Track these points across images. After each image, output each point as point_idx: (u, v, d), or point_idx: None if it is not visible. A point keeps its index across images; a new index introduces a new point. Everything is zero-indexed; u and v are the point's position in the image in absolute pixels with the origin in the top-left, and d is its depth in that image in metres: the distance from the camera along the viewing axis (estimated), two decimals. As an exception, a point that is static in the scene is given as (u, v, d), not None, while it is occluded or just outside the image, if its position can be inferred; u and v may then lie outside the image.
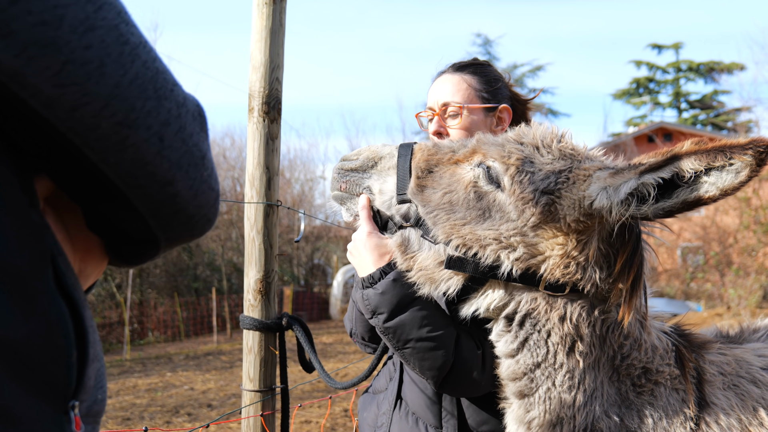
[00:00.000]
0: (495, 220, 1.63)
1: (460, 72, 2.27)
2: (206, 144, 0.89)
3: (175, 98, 0.82)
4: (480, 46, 33.80)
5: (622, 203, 1.51)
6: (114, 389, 11.53)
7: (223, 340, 19.06)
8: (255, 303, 2.69)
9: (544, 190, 1.60)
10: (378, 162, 1.87)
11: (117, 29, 0.75)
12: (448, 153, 1.78)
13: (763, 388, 1.67)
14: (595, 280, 1.59)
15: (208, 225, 0.93)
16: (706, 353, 1.72)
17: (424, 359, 1.82)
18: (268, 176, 2.70)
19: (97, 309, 17.95)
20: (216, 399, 10.55)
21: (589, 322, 1.60)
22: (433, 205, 1.71)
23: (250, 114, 2.71)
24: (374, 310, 1.83)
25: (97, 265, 0.93)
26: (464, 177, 1.70)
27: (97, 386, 0.83)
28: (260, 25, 2.67)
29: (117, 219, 0.85)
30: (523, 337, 1.64)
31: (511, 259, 1.61)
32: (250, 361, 2.69)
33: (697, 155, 1.41)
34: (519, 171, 1.62)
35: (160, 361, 15.16)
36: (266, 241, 2.70)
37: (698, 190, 1.44)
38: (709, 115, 38.45)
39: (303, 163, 31.63)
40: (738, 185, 1.41)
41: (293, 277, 26.37)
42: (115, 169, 0.78)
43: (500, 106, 2.27)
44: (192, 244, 22.80)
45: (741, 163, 1.38)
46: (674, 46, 39.65)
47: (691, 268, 22.02)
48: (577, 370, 1.60)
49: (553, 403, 1.61)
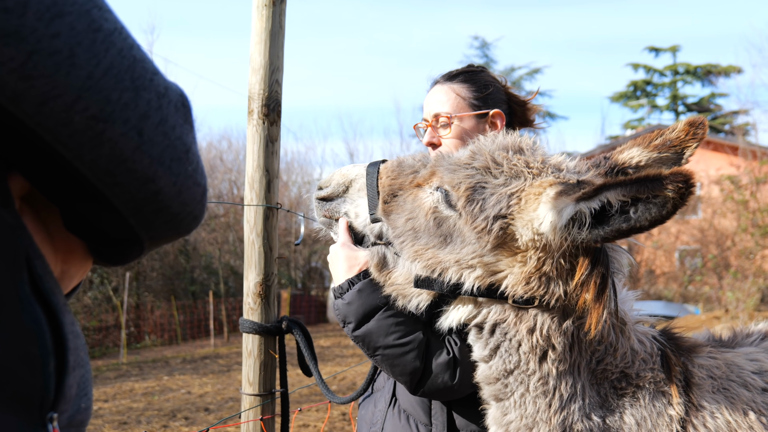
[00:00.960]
0: (456, 245, 1.68)
1: (450, 82, 2.32)
2: (191, 136, 0.82)
3: (155, 88, 0.76)
4: (477, 48, 33.86)
5: (564, 228, 1.51)
6: (110, 393, 11.49)
7: (220, 344, 19.02)
8: (255, 306, 2.67)
9: (497, 215, 1.61)
10: (349, 186, 1.93)
11: (88, 15, 0.69)
12: (410, 175, 1.82)
13: (754, 391, 1.66)
14: (560, 293, 1.59)
15: (195, 222, 0.87)
16: (695, 357, 1.72)
17: (394, 365, 1.89)
18: (267, 179, 2.68)
19: (93, 312, 17.89)
20: (213, 403, 10.51)
21: (561, 332, 1.61)
22: (399, 231, 1.77)
23: (250, 116, 2.69)
24: (343, 319, 1.92)
25: (80, 266, 0.88)
26: (425, 202, 1.74)
27: (81, 394, 0.78)
28: (260, 27, 2.65)
29: (95, 219, 0.79)
30: (494, 344, 1.68)
31: (472, 278, 1.65)
32: (250, 365, 2.67)
33: (623, 187, 1.41)
34: (469, 200, 1.64)
35: (157, 365, 15.12)
36: (266, 244, 2.68)
37: (629, 221, 1.43)
38: (707, 118, 38.53)
39: (300, 166, 31.69)
40: (665, 216, 1.40)
41: (291, 281, 26.35)
42: (90, 166, 0.72)
43: (492, 112, 2.29)
44: (189, 247, 22.76)
45: (663, 198, 1.38)
46: (671, 49, 39.71)
47: (689, 271, 22.05)
48: (551, 376, 1.62)
49: (528, 407, 1.64)
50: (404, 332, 1.88)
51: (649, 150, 1.83)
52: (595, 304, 1.56)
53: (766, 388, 1.68)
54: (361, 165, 1.96)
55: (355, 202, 1.92)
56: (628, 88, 40.47)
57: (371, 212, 1.84)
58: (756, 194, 18.76)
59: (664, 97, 40.33)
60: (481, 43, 33.69)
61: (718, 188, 20.84)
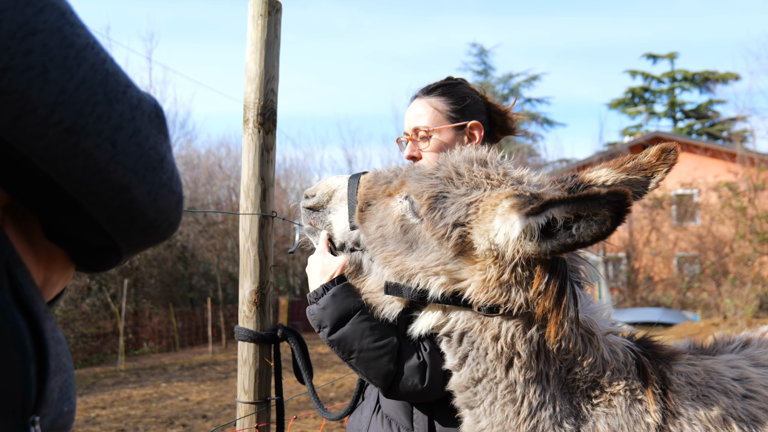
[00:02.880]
0: (421, 251, 1.73)
1: (428, 96, 2.37)
2: (165, 145, 0.85)
3: (128, 100, 0.78)
4: (476, 56, 33.98)
5: (516, 240, 1.55)
6: (108, 400, 11.47)
7: (219, 351, 18.98)
8: (250, 314, 2.68)
9: (455, 223, 1.66)
10: (332, 195, 2.01)
11: (60, 32, 0.71)
12: (383, 185, 1.88)
13: (734, 398, 1.68)
14: (521, 301, 1.62)
15: (171, 229, 0.89)
16: (674, 364, 1.73)
17: (368, 368, 1.94)
18: (263, 187, 2.69)
19: (91, 319, 17.86)
20: (211, 410, 10.49)
21: (525, 339, 1.64)
22: (371, 238, 1.84)
23: (245, 125, 2.70)
24: (319, 324, 1.96)
25: (62, 274, 0.90)
26: (394, 211, 1.80)
27: (63, 399, 0.81)
28: (255, 37, 2.67)
29: (74, 228, 0.82)
30: (462, 353, 1.72)
31: (437, 285, 1.70)
32: (245, 373, 2.67)
33: (566, 204, 1.45)
34: (430, 208, 1.70)
35: (155, 372, 15.08)
36: (261, 252, 2.69)
37: (573, 236, 1.48)
38: (705, 125, 38.55)
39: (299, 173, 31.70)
40: (605, 233, 1.45)
41: (289, 287, 26.32)
42: (66, 177, 0.75)
43: (470, 123, 2.34)
44: (187, 254, 22.74)
45: (602, 216, 1.43)
46: (669, 56, 39.83)
47: (688, 278, 22.05)
48: (518, 383, 1.65)
49: (497, 415, 1.67)
50: (379, 336, 1.92)
51: (618, 171, 1.87)
52: (552, 312, 1.59)
53: (746, 394, 1.70)
54: (344, 176, 2.02)
55: (337, 211, 2.00)
56: (626, 95, 40.57)
57: (351, 220, 1.92)
58: (754, 201, 18.78)
59: (662, 104, 40.44)
60: (479, 50, 33.80)
61: (716, 195, 20.86)
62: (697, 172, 23.09)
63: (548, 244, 1.52)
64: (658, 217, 24.38)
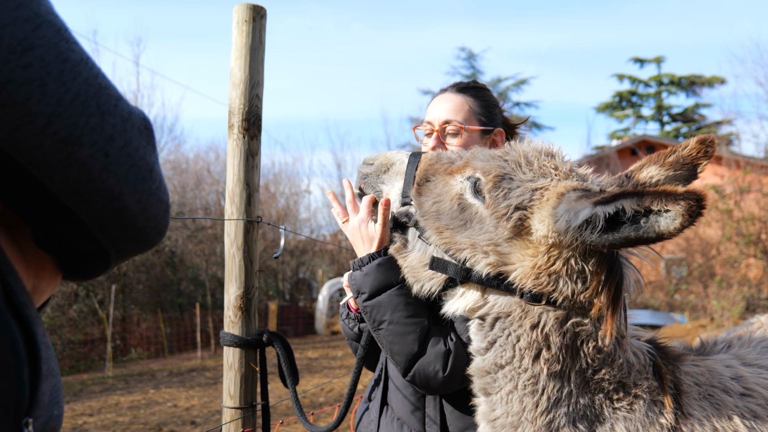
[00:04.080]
0: (474, 230, 1.74)
1: (463, 93, 2.39)
2: (153, 157, 0.90)
3: (120, 113, 0.83)
4: (464, 60, 34.07)
5: (577, 228, 1.58)
6: (96, 407, 11.39)
7: (208, 356, 18.89)
8: (235, 319, 2.68)
9: (518, 205, 1.69)
10: (390, 167, 2.04)
11: (57, 47, 0.75)
12: (446, 164, 1.91)
13: (735, 396, 1.74)
14: (568, 293, 1.65)
15: (159, 237, 0.94)
16: (681, 365, 1.78)
17: (394, 342, 1.96)
18: (248, 192, 2.70)
19: (79, 325, 17.73)
20: (200, 416, 10.44)
21: (560, 333, 1.67)
22: (424, 210, 1.86)
23: (230, 130, 2.71)
24: (358, 289, 2.01)
25: (51, 281, 0.94)
26: (453, 189, 1.83)
27: (53, 402, 0.83)
28: (240, 43, 2.68)
29: (65, 235, 0.85)
30: (492, 337, 1.75)
31: (483, 264, 1.72)
32: (231, 378, 2.67)
33: (639, 197, 1.47)
34: (495, 186, 1.73)
35: (143, 378, 14.99)
36: (246, 257, 2.69)
37: (639, 230, 1.50)
38: (691, 128, 38.83)
39: (288, 177, 31.62)
40: (674, 231, 1.46)
41: (278, 292, 26.24)
42: (60, 186, 0.78)
43: (495, 129, 2.40)
44: (176, 259, 22.64)
45: (674, 212, 1.44)
46: (656, 60, 40.13)
47: (675, 280, 22.18)
48: (542, 376, 1.67)
49: (514, 405, 1.69)
50: (411, 313, 1.96)
51: (665, 168, 1.91)
52: (609, 311, 1.63)
53: (744, 392, 1.75)
54: (404, 152, 2.06)
55: (392, 184, 2.03)
56: (613, 98, 40.83)
57: (404, 195, 1.95)
58: (740, 204, 18.93)
59: (650, 108, 40.73)
60: (467, 54, 33.92)
61: (703, 198, 21.00)
62: (683, 175, 23.25)
63: (610, 235, 1.53)
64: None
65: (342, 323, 2.39)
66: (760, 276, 18.81)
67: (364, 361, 2.30)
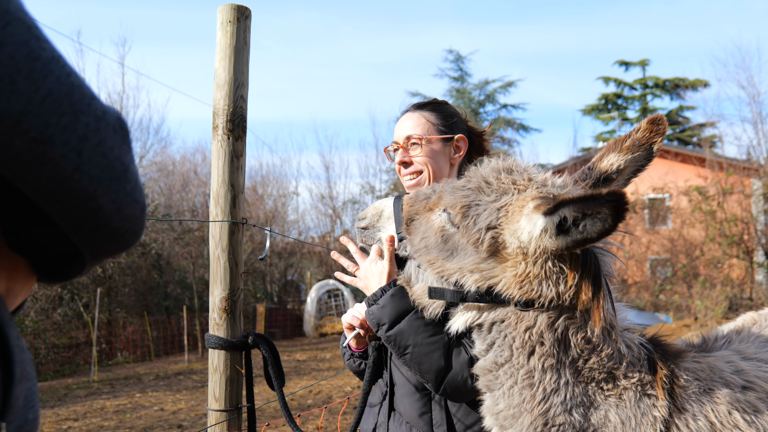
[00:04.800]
0: (459, 256, 1.90)
1: (420, 110, 2.61)
2: (129, 157, 0.88)
3: (93, 112, 0.81)
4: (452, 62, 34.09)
5: (538, 237, 1.73)
6: (81, 412, 11.29)
7: (194, 359, 18.78)
8: (220, 322, 2.67)
9: (488, 226, 1.84)
10: (381, 214, 2.24)
11: (27, 45, 0.74)
12: (423, 201, 2.09)
13: (736, 390, 1.82)
14: (553, 295, 1.78)
15: (135, 238, 0.92)
16: (681, 361, 1.88)
17: (422, 363, 2.09)
18: (233, 194, 2.69)
19: (63, 329, 17.57)
20: (187, 419, 10.38)
21: (552, 330, 1.79)
22: (416, 248, 2.04)
23: (215, 132, 2.70)
24: (378, 322, 2.14)
25: (25, 283, 0.92)
26: (435, 223, 1.99)
27: (28, 406, 0.82)
28: (224, 43, 2.67)
29: (38, 236, 0.84)
30: (491, 340, 1.88)
31: (471, 282, 1.87)
32: (216, 381, 2.66)
33: (573, 204, 1.62)
34: (464, 217, 1.89)
35: (129, 382, 14.88)
36: (231, 259, 2.68)
37: (582, 233, 1.65)
38: (675, 131, 39.12)
39: (276, 179, 31.52)
40: (608, 230, 1.60)
41: (266, 294, 26.15)
42: (32, 186, 0.77)
43: (456, 136, 2.60)
44: (162, 261, 22.49)
45: (604, 213, 1.58)
46: (641, 63, 40.38)
47: (660, 281, 22.34)
48: (537, 370, 1.79)
49: (515, 398, 1.82)
50: (432, 332, 2.09)
51: (623, 153, 2.04)
52: (593, 302, 1.76)
53: (745, 385, 1.84)
54: (389, 198, 2.26)
55: (386, 227, 2.22)
56: (599, 101, 41.04)
57: (398, 233, 2.15)
58: (723, 205, 19.12)
59: (635, 110, 40.96)
60: (455, 56, 33.95)
61: (687, 199, 21.20)
62: (668, 177, 23.44)
63: (563, 240, 1.69)
64: (631, 221, 24.69)
65: (347, 363, 2.56)
66: (742, 276, 19.02)
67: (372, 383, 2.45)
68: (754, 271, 18.90)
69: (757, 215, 18.70)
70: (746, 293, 18.57)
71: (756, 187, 19.22)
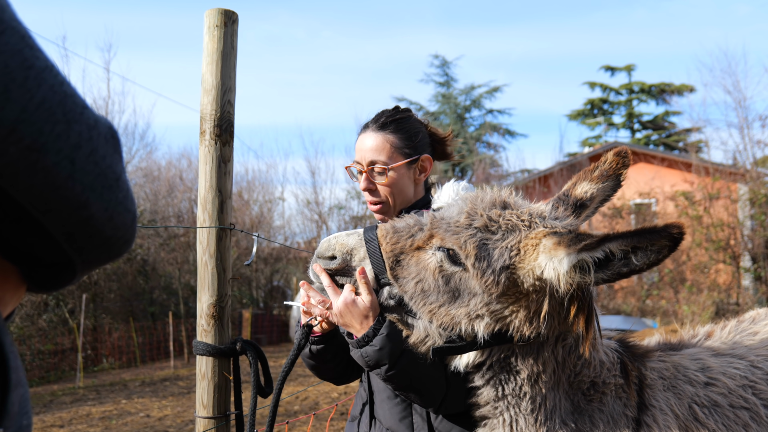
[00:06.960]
0: (464, 298, 1.85)
1: (383, 131, 2.48)
2: (120, 166, 0.89)
3: (86, 121, 0.82)
4: (438, 67, 34.21)
5: (567, 274, 1.71)
6: (66, 418, 11.16)
7: (181, 365, 18.64)
8: (208, 328, 2.64)
9: (502, 267, 1.80)
10: (352, 255, 2.01)
11: (21, 54, 0.74)
12: (408, 239, 1.95)
13: (698, 386, 1.93)
14: (555, 326, 1.84)
15: (126, 246, 0.93)
16: (647, 361, 1.97)
17: (423, 393, 2.08)
18: (220, 199, 2.67)
19: (49, 335, 17.39)
20: (173, 426, 10.29)
21: (554, 356, 1.85)
22: (410, 294, 1.92)
23: (202, 137, 2.68)
24: (376, 363, 2.04)
25: (15, 292, 0.92)
26: (429, 263, 1.89)
27: (22, 412, 0.82)
28: (211, 48, 2.65)
29: (29, 244, 0.84)
30: (490, 375, 1.91)
31: (481, 328, 1.83)
32: (204, 387, 2.64)
33: (624, 239, 1.62)
34: (477, 258, 1.82)
35: (115, 388, 14.74)
36: (219, 265, 2.66)
37: (629, 265, 1.65)
38: (661, 136, 39.42)
39: (262, 185, 31.34)
40: (661, 260, 1.62)
41: (252, 300, 26.02)
42: (25, 194, 0.77)
43: (422, 156, 2.52)
44: (148, 267, 22.34)
45: (660, 245, 1.60)
46: (627, 68, 40.70)
47: (647, 286, 22.45)
48: (539, 395, 1.84)
49: (519, 424, 1.86)
50: (432, 362, 2.03)
51: (594, 182, 2.08)
52: (586, 330, 1.80)
53: (708, 382, 1.94)
54: (354, 232, 2.03)
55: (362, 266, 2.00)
56: (585, 106, 41.32)
57: (381, 277, 1.96)
58: (709, 210, 19.26)
59: (621, 115, 41.27)
60: (441, 61, 34.07)
61: (673, 204, 21.34)
62: (654, 182, 23.60)
63: (602, 274, 1.68)
64: (618, 227, 24.79)
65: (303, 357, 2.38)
66: (729, 281, 19.15)
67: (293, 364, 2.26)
68: (741, 276, 19.05)
69: (743, 220, 18.84)
70: (733, 298, 18.71)
71: (742, 192, 19.37)
